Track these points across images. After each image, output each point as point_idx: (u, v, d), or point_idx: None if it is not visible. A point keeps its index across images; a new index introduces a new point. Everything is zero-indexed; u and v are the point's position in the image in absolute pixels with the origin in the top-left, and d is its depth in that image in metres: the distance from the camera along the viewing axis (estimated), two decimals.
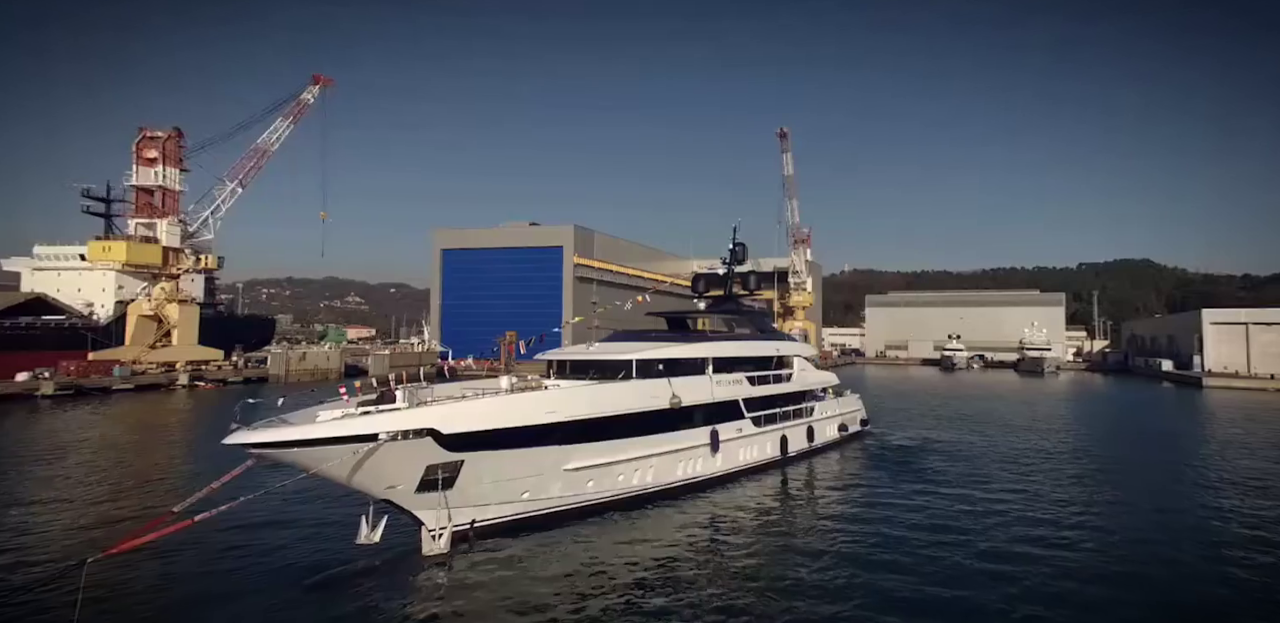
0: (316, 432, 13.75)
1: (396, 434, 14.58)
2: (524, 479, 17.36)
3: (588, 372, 21.94)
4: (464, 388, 19.31)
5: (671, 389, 21.15)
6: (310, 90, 69.65)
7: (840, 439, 32.01)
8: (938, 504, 21.06)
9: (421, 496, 15.57)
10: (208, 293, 77.03)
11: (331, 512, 18.82)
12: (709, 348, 24.50)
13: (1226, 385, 72.50)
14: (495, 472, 16.65)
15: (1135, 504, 21.71)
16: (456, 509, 16.14)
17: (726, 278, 30.57)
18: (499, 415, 16.50)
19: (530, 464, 17.29)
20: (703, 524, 19.00)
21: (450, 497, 15.86)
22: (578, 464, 18.31)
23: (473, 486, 16.28)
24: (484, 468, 16.32)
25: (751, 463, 25.14)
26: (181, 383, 56.86)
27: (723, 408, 23.88)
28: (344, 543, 15.71)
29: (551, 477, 17.88)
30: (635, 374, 21.22)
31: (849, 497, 22.43)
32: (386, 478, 15.02)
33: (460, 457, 15.77)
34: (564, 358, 22.76)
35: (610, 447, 19.13)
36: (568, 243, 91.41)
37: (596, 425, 18.63)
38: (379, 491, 15.21)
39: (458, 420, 15.62)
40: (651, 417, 20.43)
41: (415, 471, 15.28)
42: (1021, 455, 29.82)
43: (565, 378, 21.85)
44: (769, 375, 27.28)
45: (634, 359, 21.44)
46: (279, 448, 13.61)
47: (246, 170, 67.34)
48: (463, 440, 15.65)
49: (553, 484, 18.00)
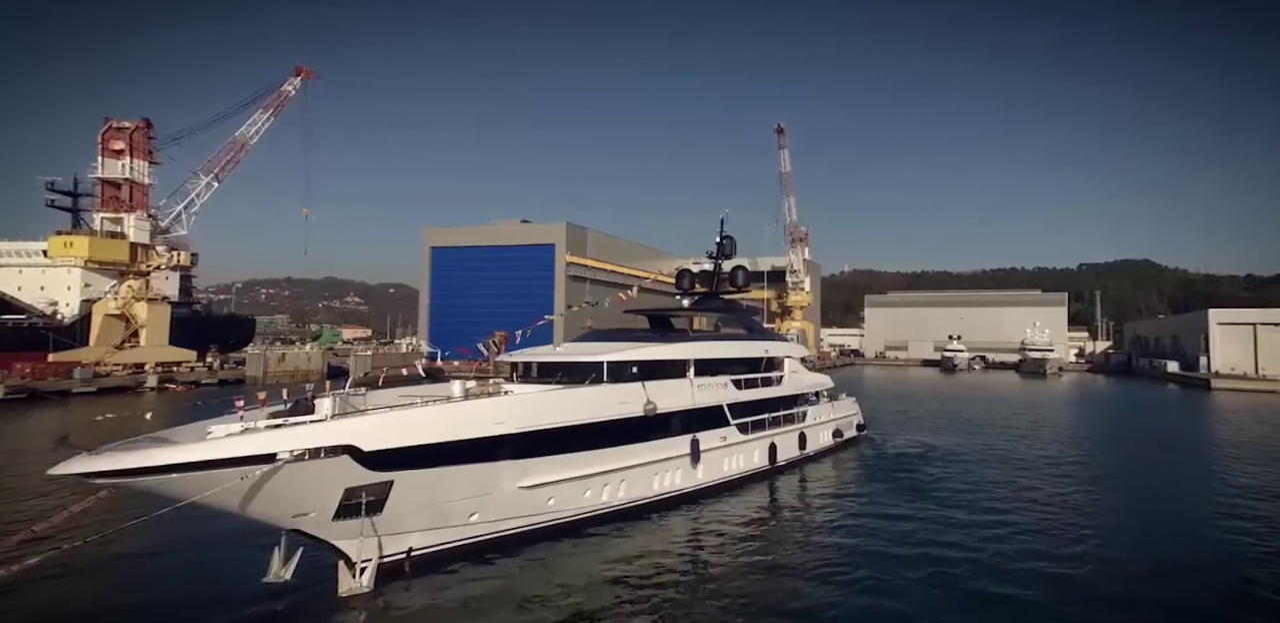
0: (187, 455, 11.21)
1: (303, 453, 12.24)
2: (470, 499, 15.19)
3: (555, 375, 19.89)
4: (407, 395, 17.11)
5: (646, 394, 19.09)
6: (291, 82, 67.11)
7: (835, 446, 29.99)
8: (938, 520, 19.29)
9: (341, 523, 13.24)
10: (184, 291, 74.11)
11: (239, 540, 15.16)
12: (690, 349, 22.45)
13: (1235, 387, 70.48)
14: (434, 492, 14.46)
15: (1149, 517, 20.08)
16: (388, 537, 13.95)
17: (713, 274, 28.55)
18: (436, 428, 14.28)
19: (477, 482, 15.14)
20: (680, 544, 17.08)
21: (378, 523, 13.61)
22: (535, 480, 16.21)
23: (406, 509, 14.07)
24: (419, 489, 14.10)
25: (738, 474, 23.11)
26: (150, 385, 54.41)
27: (705, 414, 21.83)
28: (248, 581, 12.97)
29: (504, 496, 15.74)
30: (606, 377, 19.15)
31: (842, 511, 20.44)
32: (292, 505, 12.66)
33: (388, 476, 13.51)
34: (529, 360, 20.61)
35: (574, 460, 17.05)
36: (560, 241, 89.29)
37: (557, 436, 16.51)
38: (284, 520, 12.80)
39: (383, 435, 13.37)
40: (623, 425, 18.37)
41: (330, 495, 12.97)
42: (1026, 463, 27.83)
43: (530, 382, 19.78)
44: (757, 378, 25.24)
45: (605, 361, 19.34)
46: (131, 476, 10.85)
47: (223, 164, 64.67)
48: (391, 458, 13.38)
49: (506, 504, 15.87)
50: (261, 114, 65.32)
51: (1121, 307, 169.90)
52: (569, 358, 20.01)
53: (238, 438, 12.11)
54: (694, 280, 28.68)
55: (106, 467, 10.66)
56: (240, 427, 12.80)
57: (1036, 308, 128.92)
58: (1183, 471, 27.58)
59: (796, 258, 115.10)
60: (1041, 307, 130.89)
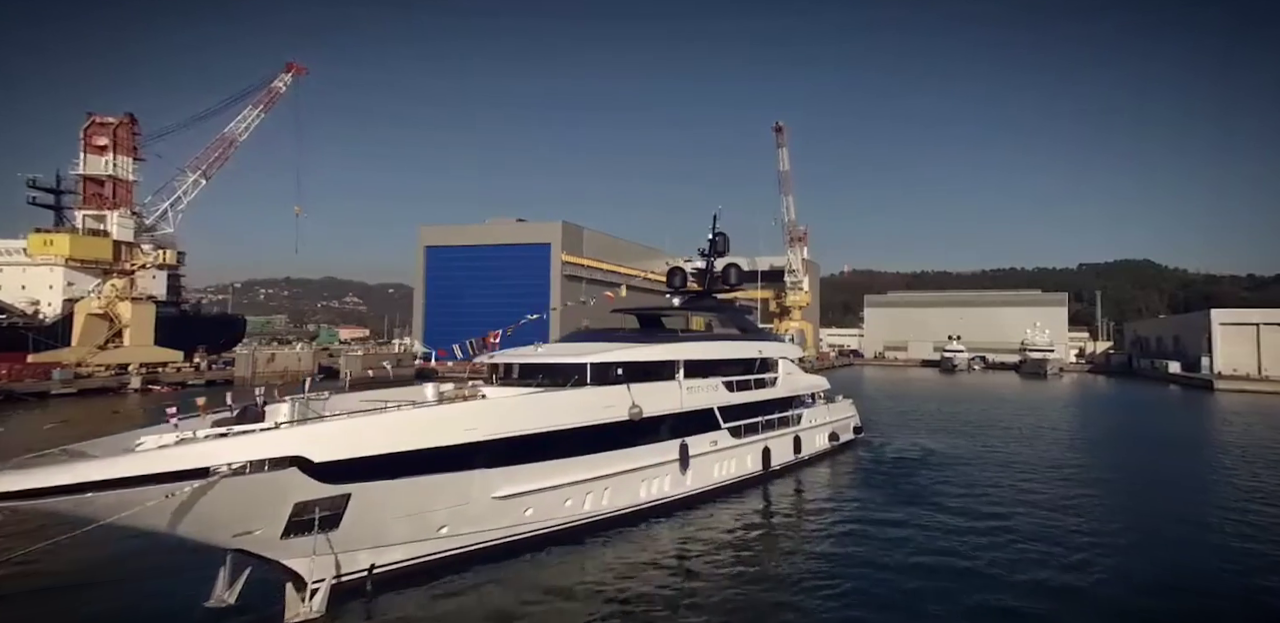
0: (104, 471, 9.85)
1: (243, 466, 11.06)
2: (439, 511, 14.12)
3: (537, 377, 18.90)
4: (373, 400, 15.93)
5: (631, 397, 18.13)
6: (283, 78, 65.94)
7: (831, 449, 29.03)
8: (936, 526, 18.50)
9: (290, 541, 12.08)
10: (172, 291, 72.58)
11: (181, 558, 13.45)
12: (679, 349, 21.47)
13: (1239, 388, 69.51)
14: (397, 505, 13.36)
15: (1156, 524, 19.27)
16: (346, 554, 12.87)
17: (706, 272, 27.61)
18: (398, 435, 13.17)
19: (447, 493, 14.09)
20: (667, 554, 16.16)
21: (335, 539, 12.49)
22: (511, 490, 15.18)
23: (366, 524, 12.97)
24: (380, 501, 13.01)
25: (729, 480, 22.14)
26: (134, 386, 53.14)
27: (695, 418, 20.85)
28: (189, 605, 11.73)
29: (477, 507, 14.69)
30: (590, 380, 18.15)
31: (837, 519, 19.54)
32: (232, 523, 11.48)
33: (345, 489, 12.41)
34: (508, 361, 19.58)
35: (553, 468, 16.04)
36: (556, 240, 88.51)
37: (536, 442, 15.53)
38: (224, 540, 11.64)
39: (337, 444, 12.27)
40: (607, 430, 17.38)
41: (277, 511, 11.81)
42: (1028, 467, 26.90)
43: (511, 384, 18.80)
44: (750, 380, 24.26)
45: (588, 363, 18.33)
46: (30, 498, 9.32)
47: (211, 161, 63.34)
48: (347, 469, 12.29)
49: (480, 515, 14.83)
50: (251, 110, 64.16)
51: (1122, 307, 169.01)
52: (551, 359, 19.01)
53: (166, 451, 10.84)
54: (686, 279, 27.76)
55: (5, 488, 9.20)
56: (175, 437, 11.57)
57: (1037, 308, 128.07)
58: (1189, 474, 26.63)
59: (795, 257, 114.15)
60: (1042, 307, 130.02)
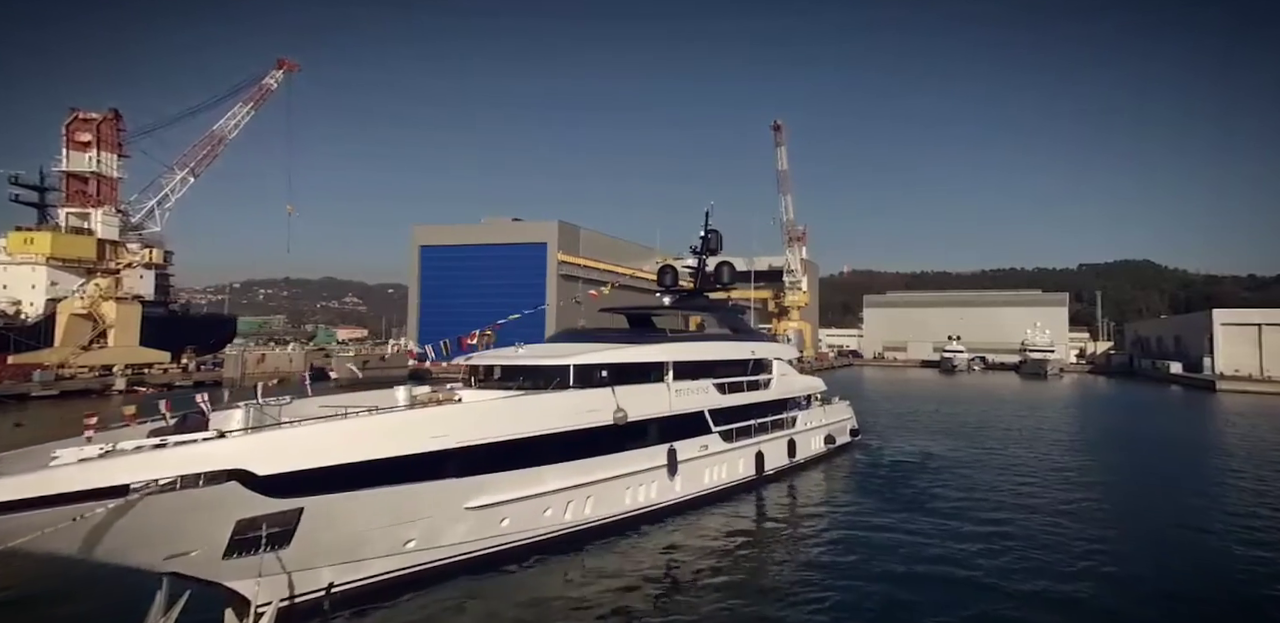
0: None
1: (172, 482, 9.99)
2: (406, 524, 13.31)
3: (517, 379, 18.20)
4: (333, 406, 14.89)
5: (616, 400, 17.44)
6: (274, 74, 64.97)
7: (827, 453, 28.34)
8: (934, 533, 17.94)
9: (235, 561, 11.14)
10: (161, 290, 71.30)
11: (115, 579, 11.79)
12: (668, 350, 20.77)
13: (1241, 389, 68.82)
14: (358, 519, 12.52)
15: (1161, 530, 18.66)
16: (301, 573, 12.01)
17: (698, 270, 26.92)
18: (356, 444, 12.30)
19: (414, 504, 13.29)
20: (652, 564, 15.52)
21: (286, 558, 11.66)
22: (486, 500, 14.44)
23: (323, 540, 12.11)
24: (338, 515, 12.15)
25: (720, 485, 21.44)
26: (118, 388, 52.17)
27: (684, 421, 20.17)
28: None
29: (448, 518, 13.93)
30: (573, 382, 17.47)
31: (832, 527, 18.86)
32: (162, 545, 10.38)
33: (296, 503, 11.52)
34: (488, 363, 18.89)
35: (531, 476, 15.34)
36: (552, 239, 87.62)
37: (513, 449, 14.80)
38: (155, 563, 10.57)
39: (286, 455, 11.35)
40: (590, 435, 16.71)
41: (216, 529, 10.83)
42: (1029, 472, 26.21)
43: (490, 387, 18.09)
44: (742, 382, 23.57)
45: (571, 364, 17.66)
46: None
47: (200, 158, 62.38)
48: (298, 482, 11.38)
49: (451, 527, 14.07)
50: (242, 107, 63.26)
51: (1122, 307, 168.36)
52: (532, 361, 18.28)
53: (78, 467, 9.70)
54: (678, 277, 27.07)
55: None
56: (98, 450, 10.31)
57: (1037, 308, 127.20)
58: (1193, 478, 25.94)
59: (794, 257, 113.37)
60: (1042, 307, 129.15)
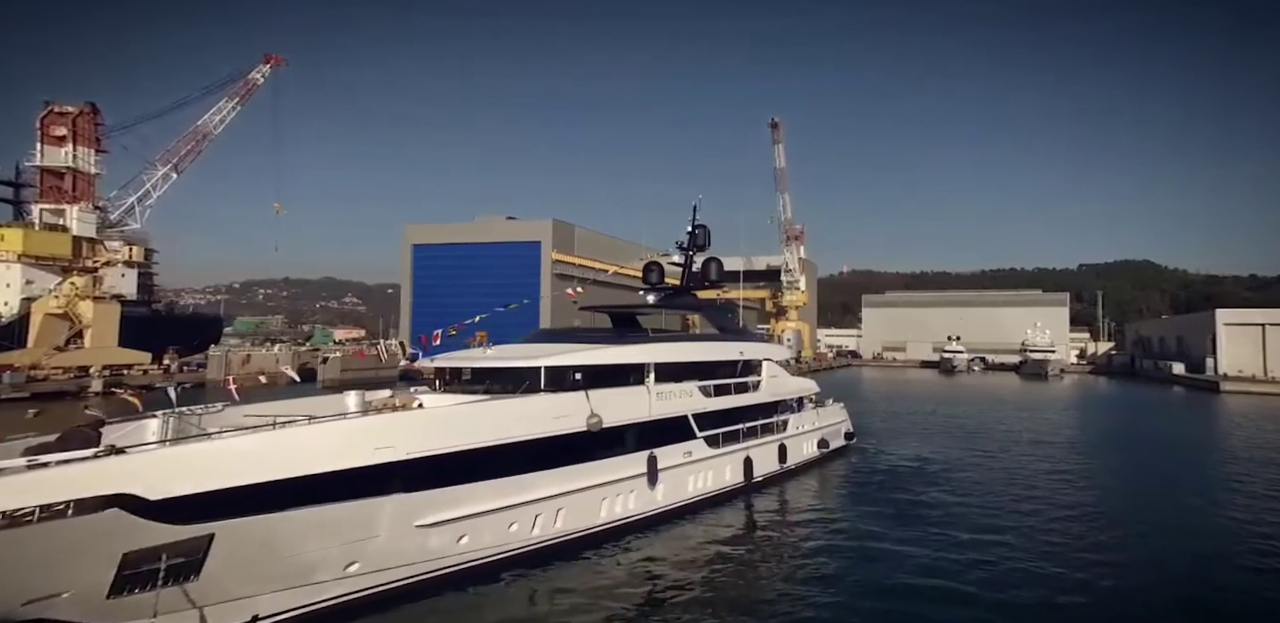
0: None
1: (30, 512, 8.62)
2: (346, 546, 11.93)
3: (485, 382, 17.06)
4: (264, 415, 13.46)
5: (590, 405, 16.31)
6: (260, 69, 63.48)
7: (820, 457, 27.22)
8: (930, 543, 16.86)
9: (124, 600, 9.65)
10: (144, 289, 69.87)
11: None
12: (650, 351, 19.64)
13: (1245, 390, 67.69)
14: (286, 542, 11.12)
15: (1168, 540, 17.61)
16: (217, 606, 10.68)
17: (684, 267, 25.80)
18: (281, 459, 10.86)
19: (354, 523, 11.92)
20: (627, 581, 14.39)
21: (196, 591, 10.24)
22: (440, 516, 13.19)
23: (244, 567, 10.73)
24: (260, 540, 10.77)
25: (705, 494, 20.30)
26: (94, 390, 50.52)
27: (666, 426, 19.04)
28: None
29: (397, 537, 12.61)
30: (544, 385, 16.37)
31: (823, 538, 17.75)
32: (17, 588, 8.87)
33: (204, 530, 10.10)
34: (455, 365, 17.74)
35: (494, 488, 14.15)
36: (546, 238, 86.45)
37: (471, 460, 13.60)
38: (12, 609, 9.06)
39: (188, 475, 9.87)
40: (560, 443, 15.56)
41: (95, 566, 9.33)
42: (1029, 478, 25.02)
43: (455, 391, 16.97)
44: (730, 384, 22.44)
45: (542, 366, 16.54)
46: None
47: (183, 154, 60.82)
48: (205, 505, 9.95)
49: (399, 548, 12.74)
50: (226, 103, 61.84)
51: (1122, 307, 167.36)
52: (500, 363, 17.14)
53: None
54: (663, 275, 25.98)
55: None
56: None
57: (1037, 308, 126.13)
58: (1201, 484, 24.77)
59: (792, 256, 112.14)
60: (1042, 307, 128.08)
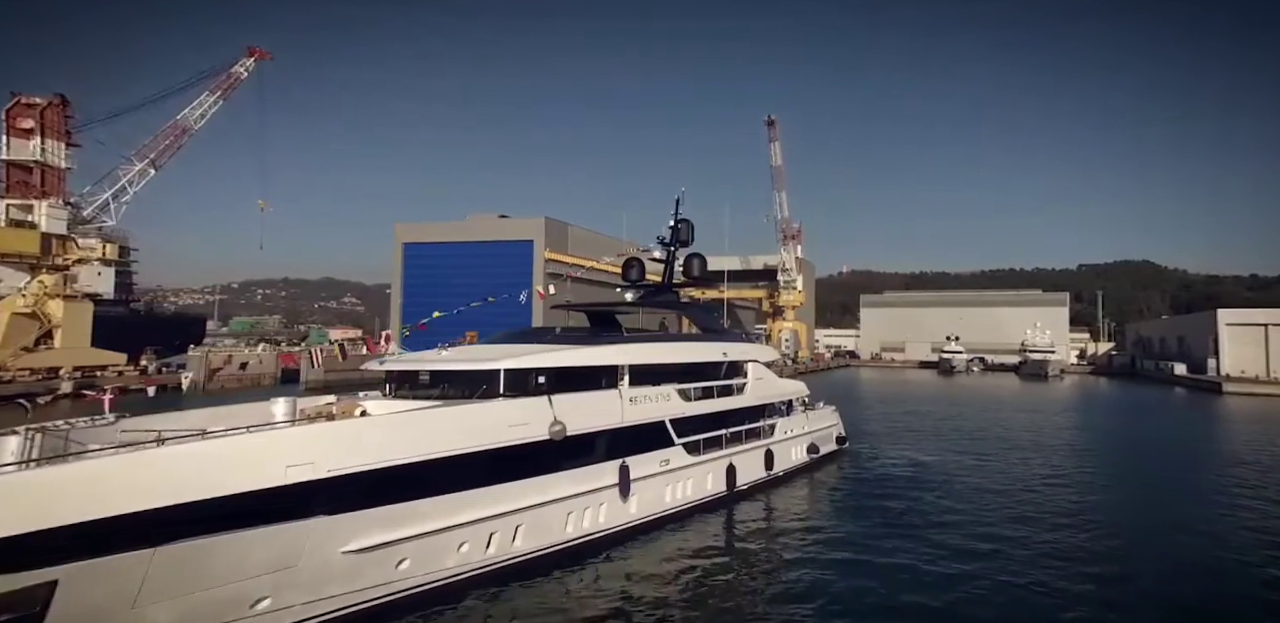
0: None
1: None
2: (250, 581, 10.35)
3: (439, 386, 15.77)
4: (147, 430, 11.58)
5: (553, 411, 15.01)
6: (244, 63, 61.79)
7: (809, 463, 25.93)
8: (922, 557, 15.72)
9: None
10: (122, 288, 68.23)
11: None
12: (623, 352, 18.34)
13: (1248, 391, 66.49)
14: (167, 580, 9.46)
15: (1177, 556, 16.38)
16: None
17: (666, 264, 24.54)
18: (148, 485, 9.18)
19: (263, 554, 10.37)
20: (594, 603, 13.11)
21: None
22: (372, 540, 11.65)
23: (105, 616, 9.15)
24: (119, 585, 9.10)
25: (683, 505, 19.01)
26: (64, 391, 48.62)
27: (640, 433, 17.74)
28: None
29: (318, 566, 11.03)
30: (504, 389, 15.06)
31: (810, 551, 16.50)
32: None
33: (42, 576, 8.47)
34: (404, 368, 16.38)
35: (440, 506, 12.75)
36: (538, 237, 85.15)
37: (410, 475, 12.17)
38: None
39: (22, 509, 8.23)
40: (520, 453, 14.25)
41: None
42: (1030, 485, 23.76)
43: (406, 397, 15.67)
44: (712, 387, 21.17)
45: (501, 369, 15.22)
46: None
47: (161, 149, 58.94)
48: (40, 547, 8.30)
49: (324, 577, 11.19)
50: (208, 97, 60.14)
51: (1122, 307, 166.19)
52: (454, 365, 15.75)
53: None
54: (644, 271, 24.71)
55: None
56: None
57: (1037, 308, 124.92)
58: (1212, 490, 23.49)
59: (789, 256, 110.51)
60: (1042, 307, 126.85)
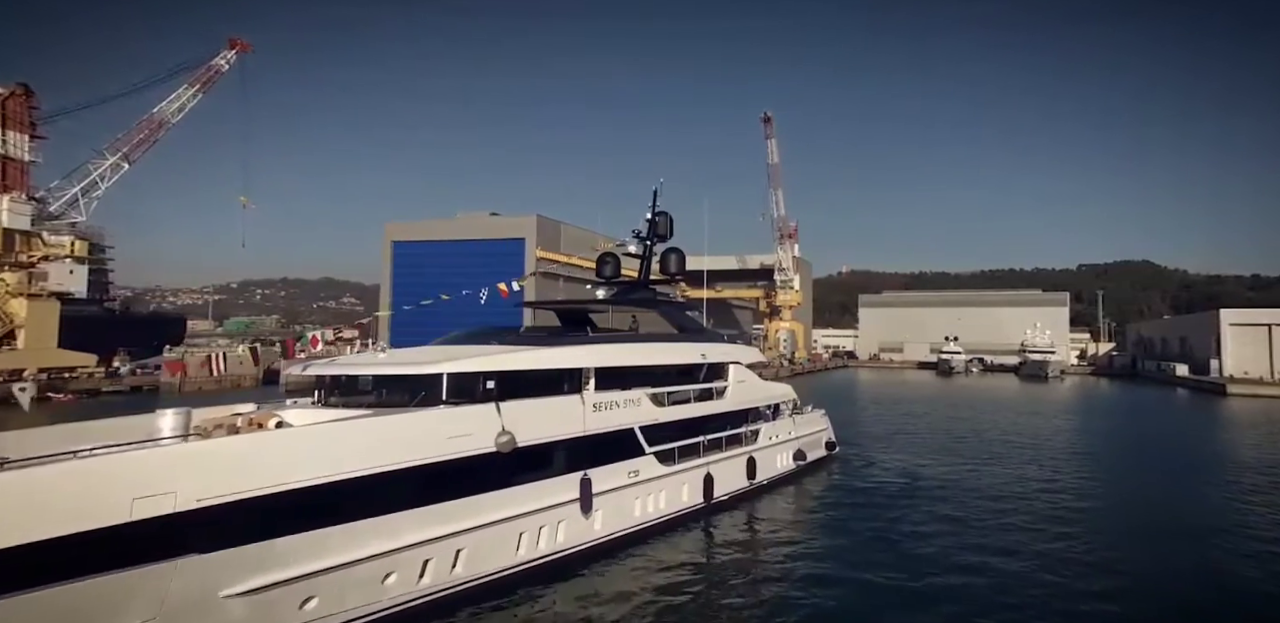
0: None
1: None
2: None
3: (379, 393, 14.13)
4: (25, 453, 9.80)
5: (501, 420, 13.47)
6: (224, 55, 60.03)
7: (796, 471, 24.44)
8: (912, 582, 14.20)
9: None
10: (97, 287, 65.74)
11: None
12: (588, 354, 16.81)
13: (1253, 393, 64.94)
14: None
15: (1187, 579, 14.87)
16: None
17: (643, 259, 23.07)
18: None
19: (104, 609, 8.56)
20: None
21: None
22: (262, 580, 9.79)
23: None
24: None
25: (656, 518, 17.48)
26: (30, 394, 45.18)
27: (606, 442, 16.24)
28: None
29: (188, 615, 9.27)
30: (446, 396, 13.48)
31: (791, 567, 15.04)
32: None
33: None
34: (335, 372, 14.47)
35: (354, 533, 10.93)
36: (530, 235, 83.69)
37: (317, 499, 10.41)
38: None
39: None
40: (459, 468, 12.63)
41: None
42: (1036, 497, 22.19)
43: (336, 405, 13.90)
44: (689, 391, 19.70)
45: (444, 373, 13.59)
46: None
47: (135, 143, 57.09)
48: None
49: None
50: (186, 90, 58.35)
51: (1123, 308, 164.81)
52: (391, 369, 14.01)
53: None
54: (619, 267, 23.26)
55: None
56: None
57: (1037, 308, 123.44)
58: (1223, 503, 22.02)
59: (785, 255, 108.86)
60: (1042, 307, 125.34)
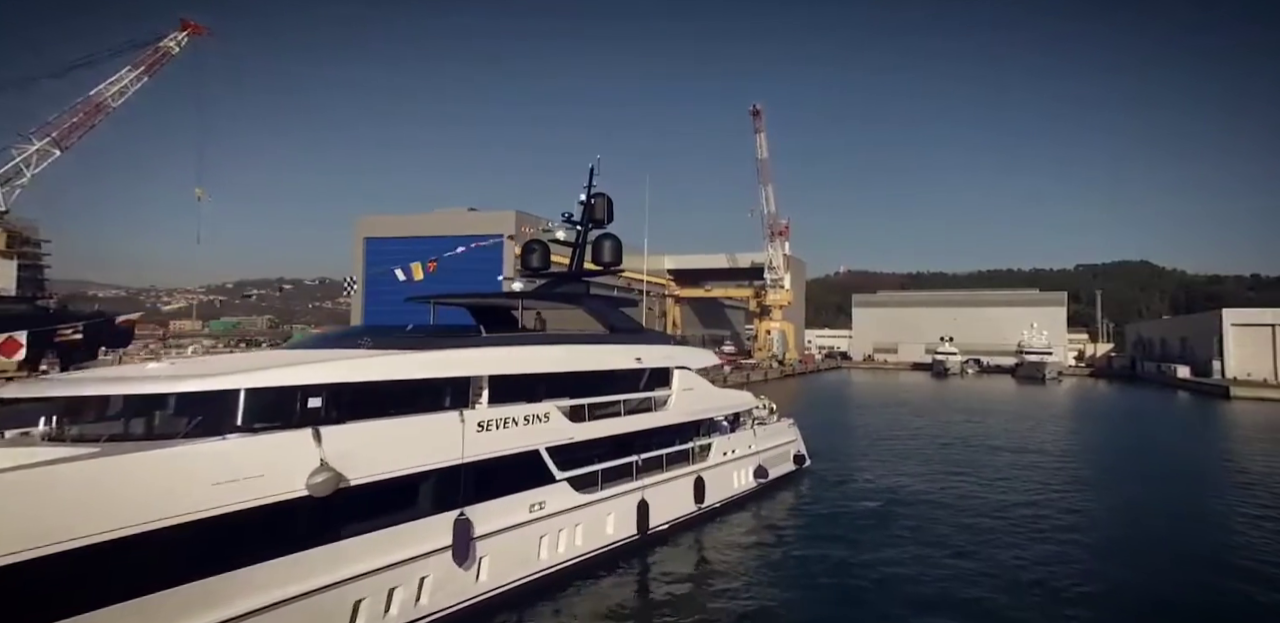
0: None
1: None
2: None
3: (147, 417, 10.15)
4: None
5: (319, 451, 10.20)
6: (175, 37, 56.35)
7: (756, 490, 21.27)
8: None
9: None
10: (30, 284, 61.64)
11: None
12: (479, 359, 13.59)
13: (1258, 396, 62.07)
14: None
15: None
16: None
17: (576, 246, 19.92)
18: None
19: None
20: None
21: None
22: None
23: None
24: None
25: (568, 560, 14.30)
26: None
27: (497, 470, 12.99)
28: None
29: None
30: (244, 419, 9.86)
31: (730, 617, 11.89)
32: None
33: None
34: (78, 392, 10.24)
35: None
36: (509, 231, 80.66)
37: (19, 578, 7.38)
38: None
39: None
40: (252, 522, 9.32)
41: None
42: (1033, 522, 19.09)
43: (72, 438, 9.79)
44: (617, 402, 16.53)
45: (242, 389, 9.96)
46: None
47: (67, 127, 53.11)
48: None
49: None
50: (129, 72, 54.52)
51: (1122, 308, 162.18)
52: (164, 386, 10.00)
53: None
54: (549, 257, 20.13)
55: None
56: None
57: (1034, 308, 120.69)
58: (1236, 520, 18.90)
59: (775, 253, 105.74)
60: (1039, 307, 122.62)
